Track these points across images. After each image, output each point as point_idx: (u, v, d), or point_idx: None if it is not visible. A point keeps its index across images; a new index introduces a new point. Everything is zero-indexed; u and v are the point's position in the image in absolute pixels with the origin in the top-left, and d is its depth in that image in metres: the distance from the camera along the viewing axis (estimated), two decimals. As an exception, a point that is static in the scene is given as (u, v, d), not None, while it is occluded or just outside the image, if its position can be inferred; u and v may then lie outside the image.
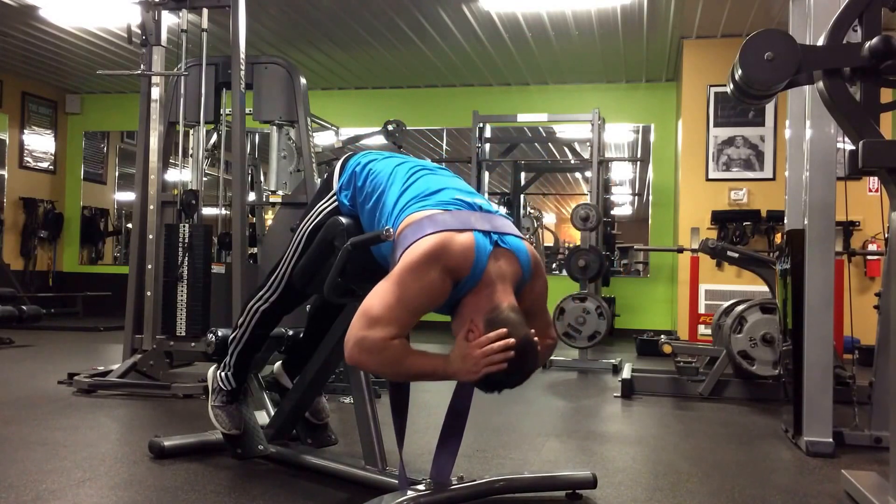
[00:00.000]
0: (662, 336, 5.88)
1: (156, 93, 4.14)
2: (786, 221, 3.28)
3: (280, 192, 4.52)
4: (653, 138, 8.42)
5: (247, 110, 4.26)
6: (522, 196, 9.04)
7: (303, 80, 4.39)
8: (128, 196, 9.74)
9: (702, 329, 6.22)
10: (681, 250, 6.18)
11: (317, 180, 4.29)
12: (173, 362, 4.31)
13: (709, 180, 7.16)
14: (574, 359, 5.61)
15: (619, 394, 4.24)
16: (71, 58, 8.14)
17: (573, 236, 11.79)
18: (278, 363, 2.60)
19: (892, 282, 2.66)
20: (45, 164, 9.45)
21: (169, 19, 4.23)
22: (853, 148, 2.09)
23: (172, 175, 5.11)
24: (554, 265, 8.91)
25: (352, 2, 6.32)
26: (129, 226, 9.14)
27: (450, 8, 6.42)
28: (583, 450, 2.94)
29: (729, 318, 4.21)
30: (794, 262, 3.06)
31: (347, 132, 7.56)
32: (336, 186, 2.20)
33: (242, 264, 3.96)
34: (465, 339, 1.79)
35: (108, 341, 6.43)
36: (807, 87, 2.91)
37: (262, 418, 2.57)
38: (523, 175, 8.96)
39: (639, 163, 9.53)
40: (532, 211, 9.93)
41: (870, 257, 6.49)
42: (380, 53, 7.66)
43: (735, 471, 2.64)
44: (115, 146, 10.16)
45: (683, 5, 6.32)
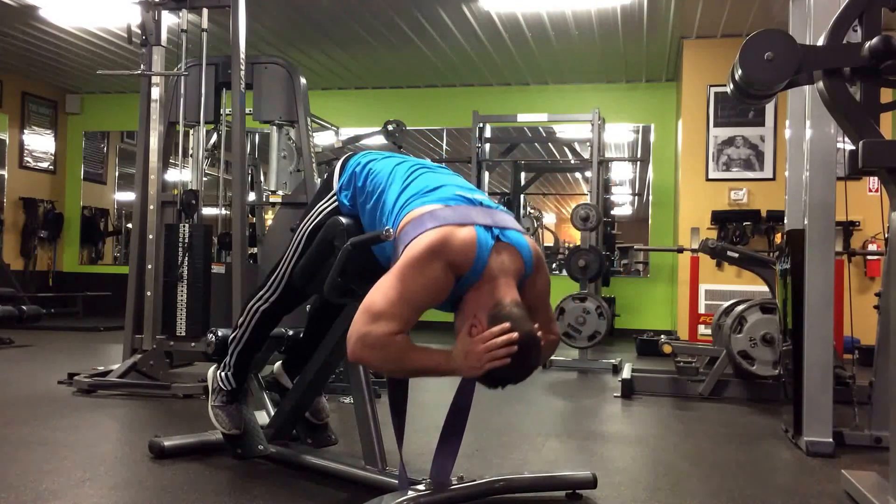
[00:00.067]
0: (662, 336, 5.88)
1: (156, 93, 4.14)
2: (786, 221, 3.28)
3: (280, 192, 4.52)
4: (653, 138, 8.41)
5: (247, 110, 4.26)
6: (522, 196, 9.04)
7: (303, 80, 4.39)
8: (128, 196, 9.74)
9: (702, 329, 6.22)
10: (681, 250, 6.18)
11: (317, 180, 4.29)
12: (173, 362, 4.31)
13: (709, 180, 7.16)
14: (574, 359, 5.61)
15: (619, 394, 4.24)
16: (71, 58, 8.14)
17: (573, 236, 11.79)
18: (278, 363, 2.59)
19: (892, 282, 2.66)
20: (45, 164, 9.45)
21: (169, 19, 4.23)
22: (853, 148, 2.09)
23: (172, 175, 5.12)
24: (554, 265, 8.90)
25: (352, 2, 6.32)
26: (129, 226, 9.14)
27: (450, 8, 6.42)
28: (583, 450, 2.94)
29: (729, 318, 4.21)
30: (794, 262, 3.06)
31: (347, 132, 7.57)
32: (336, 186, 2.20)
33: (242, 264, 3.96)
34: (467, 334, 1.78)
35: (108, 341, 6.43)
36: (807, 87, 2.91)
37: (262, 418, 2.57)
38: (523, 175, 8.95)
39: (639, 163, 9.54)
40: (532, 211, 9.93)
41: (870, 257, 6.49)
42: (380, 53, 7.66)
43: (735, 471, 2.64)
44: (115, 146, 10.16)
45: (683, 5, 6.32)
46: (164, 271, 4.04)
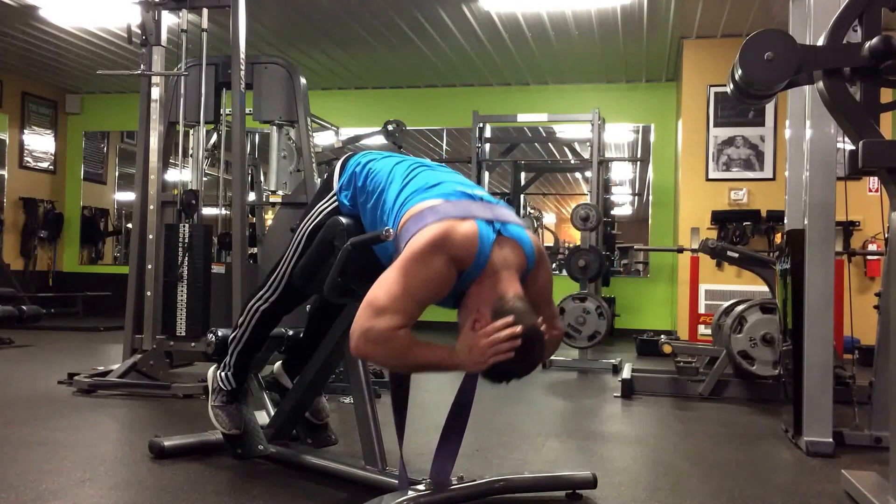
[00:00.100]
0: (662, 336, 5.88)
1: (156, 93, 4.14)
2: (786, 221, 3.28)
3: (280, 192, 4.52)
4: (653, 138, 8.41)
5: (247, 110, 4.26)
6: (522, 196, 9.04)
7: (303, 80, 4.39)
8: (128, 196, 9.74)
9: (702, 329, 6.22)
10: (681, 250, 6.18)
11: (317, 180, 4.29)
12: (173, 362, 4.31)
13: (709, 180, 7.16)
14: (574, 359, 5.61)
15: (619, 394, 4.24)
16: (71, 58, 8.14)
17: (573, 236, 11.79)
18: (278, 363, 2.59)
19: (892, 282, 2.66)
20: (45, 164, 9.45)
21: (169, 19, 4.23)
22: (853, 148, 2.09)
23: (172, 175, 5.12)
24: (554, 265, 8.90)
25: (352, 2, 6.32)
26: (129, 226, 9.14)
27: (450, 8, 6.42)
28: (583, 450, 2.94)
29: (729, 318, 4.21)
30: (794, 262, 3.06)
31: (347, 132, 7.57)
32: (336, 186, 2.20)
33: (242, 264, 3.96)
34: (471, 329, 1.77)
35: (108, 341, 6.43)
36: (807, 87, 2.91)
37: (262, 418, 2.57)
38: (523, 175, 8.95)
39: (639, 163, 9.53)
40: (532, 211, 9.94)
41: (870, 257, 6.49)
42: (380, 53, 7.66)
43: (735, 471, 2.64)
44: (115, 146, 10.16)
45: (683, 5, 6.32)
46: (164, 271, 4.04)
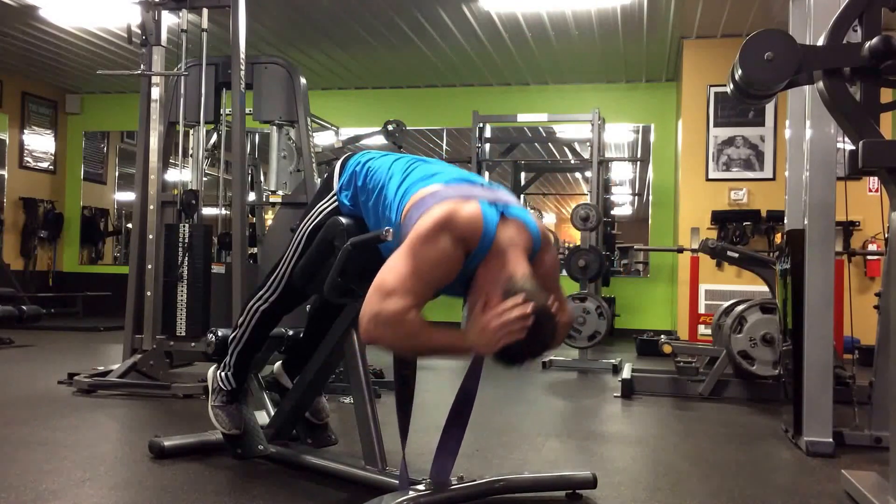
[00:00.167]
0: (662, 336, 5.88)
1: (156, 93, 4.14)
2: (786, 221, 3.28)
3: (280, 192, 4.52)
4: (653, 138, 8.41)
5: (247, 110, 4.26)
6: (522, 196, 9.04)
7: (303, 80, 4.39)
8: (128, 196, 9.73)
9: (702, 329, 6.22)
10: (681, 250, 6.18)
11: (317, 180, 4.29)
12: (173, 362, 4.31)
13: (709, 180, 7.16)
14: (574, 359, 5.61)
15: (619, 394, 4.24)
16: (71, 58, 8.14)
17: (573, 236, 11.79)
18: (278, 363, 2.59)
19: (892, 282, 2.66)
20: (45, 164, 9.45)
21: (169, 19, 4.23)
22: (853, 148, 2.09)
23: (172, 175, 5.12)
24: (554, 265, 8.88)
25: (352, 2, 6.32)
26: (129, 226, 9.14)
27: (450, 8, 6.42)
28: (583, 450, 2.94)
29: (729, 318, 4.21)
30: (794, 262, 3.06)
31: (347, 132, 7.57)
32: (336, 186, 2.20)
33: (242, 264, 3.96)
34: (481, 310, 1.75)
35: (108, 341, 6.43)
36: (807, 87, 2.91)
37: (262, 418, 2.57)
38: (523, 175, 8.96)
39: (639, 163, 9.53)
40: (532, 211, 9.92)
41: (870, 257, 6.49)
42: (380, 53, 7.66)
43: (735, 471, 2.64)
44: (115, 146, 10.16)
45: (683, 5, 6.32)
46: (164, 271, 4.04)
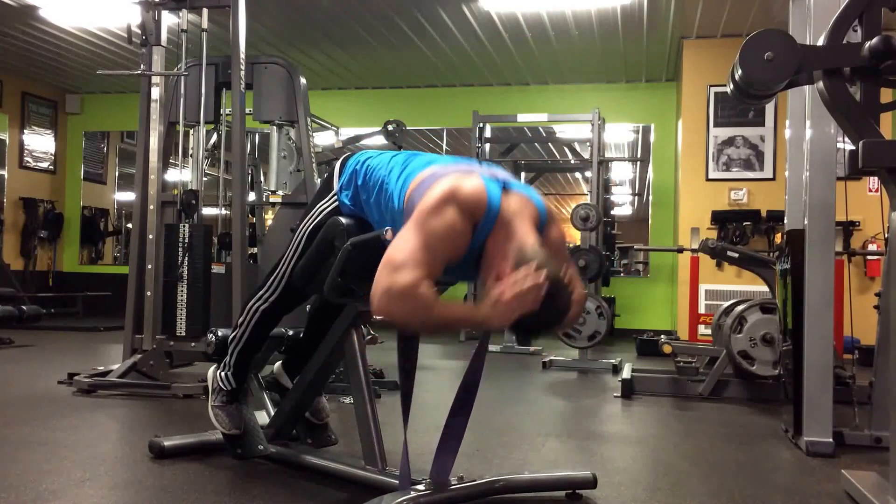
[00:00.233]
0: (662, 336, 5.88)
1: (156, 93, 4.14)
2: (786, 221, 3.28)
3: (280, 192, 4.52)
4: (653, 138, 8.42)
5: (247, 110, 4.26)
6: (522, 196, 9.02)
7: (303, 80, 4.39)
8: (128, 196, 9.74)
9: (702, 329, 6.22)
10: (681, 250, 6.18)
11: (317, 180, 4.29)
12: (173, 362, 4.31)
13: (709, 180, 7.16)
14: (574, 359, 5.61)
15: (619, 394, 4.24)
16: (71, 58, 8.14)
17: (573, 236, 11.77)
18: (278, 363, 2.59)
19: (892, 282, 2.66)
20: (45, 164, 9.45)
21: (169, 19, 4.23)
22: (853, 148, 2.09)
23: (172, 175, 5.12)
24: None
25: (352, 2, 6.32)
26: (129, 226, 9.14)
27: (450, 8, 6.42)
28: (583, 450, 2.94)
29: (729, 318, 4.20)
30: (794, 262, 3.06)
31: (347, 132, 7.57)
32: (336, 186, 2.20)
33: (242, 264, 3.96)
34: (494, 282, 1.74)
35: (108, 341, 6.43)
36: (807, 87, 2.91)
37: (262, 418, 2.57)
38: (523, 175, 8.94)
39: (639, 163, 9.53)
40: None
41: (870, 257, 6.49)
42: (380, 53, 7.66)
43: (735, 471, 2.64)
44: (115, 146, 10.16)
45: (683, 5, 6.32)
46: (164, 271, 4.04)
